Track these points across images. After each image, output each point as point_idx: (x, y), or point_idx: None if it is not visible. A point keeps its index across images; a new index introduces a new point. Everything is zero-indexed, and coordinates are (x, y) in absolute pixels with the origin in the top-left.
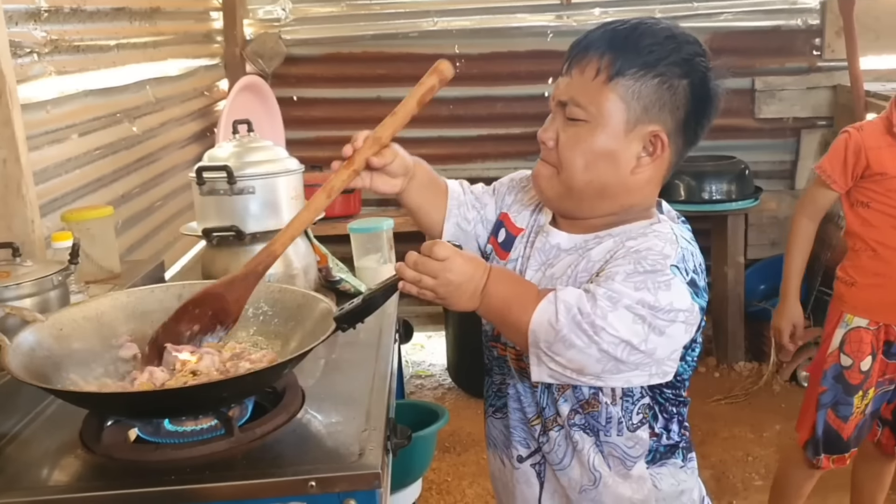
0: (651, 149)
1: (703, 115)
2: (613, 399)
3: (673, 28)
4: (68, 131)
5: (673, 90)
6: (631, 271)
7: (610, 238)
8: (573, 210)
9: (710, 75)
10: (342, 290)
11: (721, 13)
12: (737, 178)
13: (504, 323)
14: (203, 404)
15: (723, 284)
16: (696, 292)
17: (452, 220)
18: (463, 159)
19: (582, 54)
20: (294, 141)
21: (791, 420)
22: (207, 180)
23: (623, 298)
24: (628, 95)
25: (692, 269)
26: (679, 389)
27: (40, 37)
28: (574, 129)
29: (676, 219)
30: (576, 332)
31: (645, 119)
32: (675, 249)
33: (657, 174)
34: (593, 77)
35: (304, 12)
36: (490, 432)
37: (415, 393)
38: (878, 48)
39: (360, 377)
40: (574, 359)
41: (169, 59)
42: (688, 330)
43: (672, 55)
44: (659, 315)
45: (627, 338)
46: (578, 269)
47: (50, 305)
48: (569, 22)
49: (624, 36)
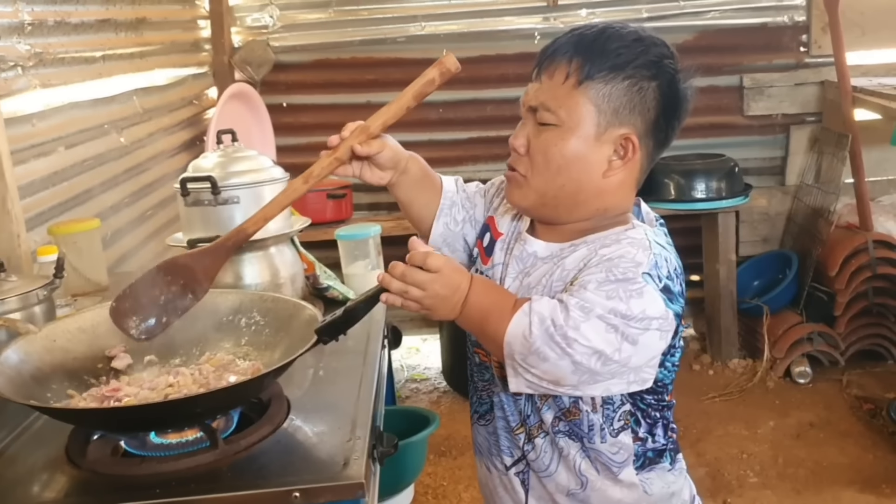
0: (622, 152)
1: (673, 117)
2: (594, 407)
3: (640, 31)
4: (55, 144)
5: (643, 92)
6: (603, 280)
7: (584, 245)
8: (549, 217)
9: (678, 77)
10: (330, 298)
11: (708, 11)
12: (726, 175)
13: (482, 333)
14: (186, 417)
15: (715, 282)
16: (669, 298)
17: (443, 219)
18: (454, 162)
19: (550, 59)
20: (284, 147)
21: (785, 417)
22: (192, 191)
23: (595, 308)
24: (598, 99)
25: (665, 276)
26: (661, 394)
27: (24, 50)
28: (545, 135)
29: (655, 221)
30: (549, 344)
31: (615, 122)
32: (648, 256)
33: (629, 177)
34: (563, 81)
35: (292, 19)
36: (476, 439)
37: (410, 397)
38: (863, 43)
39: (347, 385)
40: (549, 371)
41: (156, 68)
42: (663, 337)
43: (640, 57)
44: (632, 324)
45: (601, 348)
46: (553, 277)
47: (35, 320)
48: (556, 24)
49: (592, 39)
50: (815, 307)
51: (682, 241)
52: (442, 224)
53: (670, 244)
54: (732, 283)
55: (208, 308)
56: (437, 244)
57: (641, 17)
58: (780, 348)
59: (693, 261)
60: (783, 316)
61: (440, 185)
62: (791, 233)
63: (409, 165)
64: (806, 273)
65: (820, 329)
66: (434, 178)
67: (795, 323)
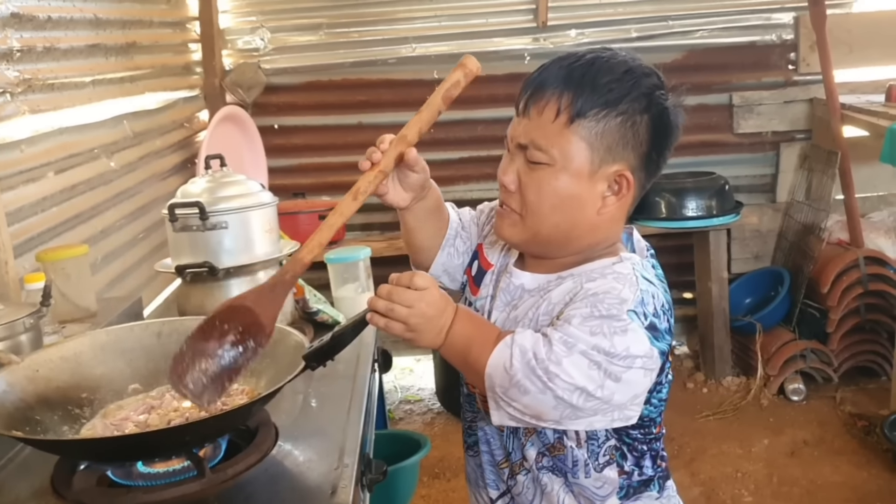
0: (616, 187)
1: (664, 147)
2: (578, 442)
3: (629, 60)
4: (44, 169)
5: (635, 127)
6: (587, 315)
7: (570, 279)
8: (540, 252)
9: (669, 106)
10: (320, 322)
11: (697, 30)
12: (717, 193)
13: (465, 364)
14: (174, 446)
15: (707, 300)
16: (655, 336)
17: (447, 249)
18: (445, 182)
19: (539, 94)
20: (276, 169)
21: (779, 435)
22: (180, 217)
23: (578, 343)
24: (591, 137)
25: (652, 313)
26: (648, 428)
27: (13, 76)
28: (537, 173)
29: (645, 251)
30: (530, 377)
31: (609, 159)
32: (634, 292)
33: (622, 210)
34: (553, 119)
35: (283, 42)
36: (466, 468)
37: (404, 418)
38: (851, 61)
39: (336, 411)
40: (530, 405)
41: (147, 92)
42: (647, 375)
43: (632, 91)
44: (614, 361)
45: (582, 384)
46: (539, 311)
47: (22, 348)
48: (545, 44)
49: (581, 74)
50: (807, 324)
51: (674, 259)
52: (445, 254)
53: (660, 277)
54: (725, 300)
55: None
56: (437, 274)
57: (630, 37)
58: (774, 365)
59: (685, 279)
60: (776, 333)
61: (447, 216)
62: (782, 250)
63: (429, 193)
64: (798, 290)
65: (813, 346)
66: (444, 210)
67: (788, 340)
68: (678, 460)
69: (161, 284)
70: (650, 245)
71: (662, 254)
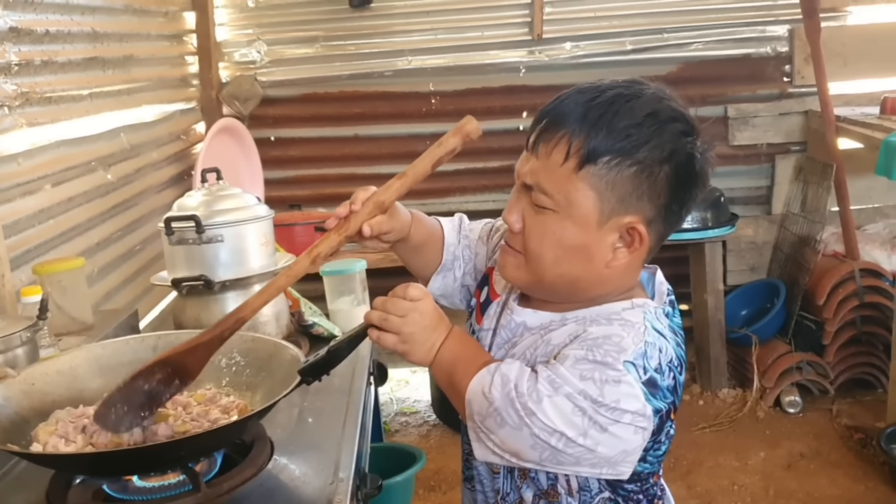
0: (628, 239)
1: (688, 198)
2: (570, 491)
3: (655, 102)
4: (41, 182)
5: (653, 178)
6: (581, 357)
7: (574, 322)
8: (545, 297)
9: (696, 155)
10: (315, 335)
11: (691, 43)
12: (713, 205)
13: (450, 385)
14: (169, 461)
15: (703, 311)
16: (653, 393)
17: (442, 274)
18: (441, 193)
19: (551, 131)
20: (273, 181)
21: (776, 447)
22: (176, 230)
23: (565, 385)
24: (601, 185)
25: (654, 368)
26: (644, 483)
27: (11, 90)
28: (541, 218)
29: (665, 295)
30: (507, 409)
31: (620, 209)
32: (637, 343)
33: (636, 262)
34: (561, 162)
35: (280, 54)
36: (462, 499)
37: (400, 430)
38: (845, 74)
39: (331, 425)
40: (507, 440)
41: (144, 105)
42: (639, 433)
43: (653, 139)
44: (601, 411)
45: (562, 429)
46: (538, 352)
47: (18, 362)
48: (541, 57)
49: (598, 115)
50: (803, 336)
51: (670, 271)
52: (440, 279)
53: (674, 329)
54: (721, 312)
55: None
56: (434, 296)
57: (625, 50)
58: (770, 378)
59: (681, 290)
60: (772, 345)
61: (442, 240)
62: (778, 261)
63: (412, 233)
64: (794, 302)
65: (809, 358)
66: (434, 235)
67: (784, 352)
68: (674, 472)
69: (157, 297)
70: (670, 288)
71: (658, 265)
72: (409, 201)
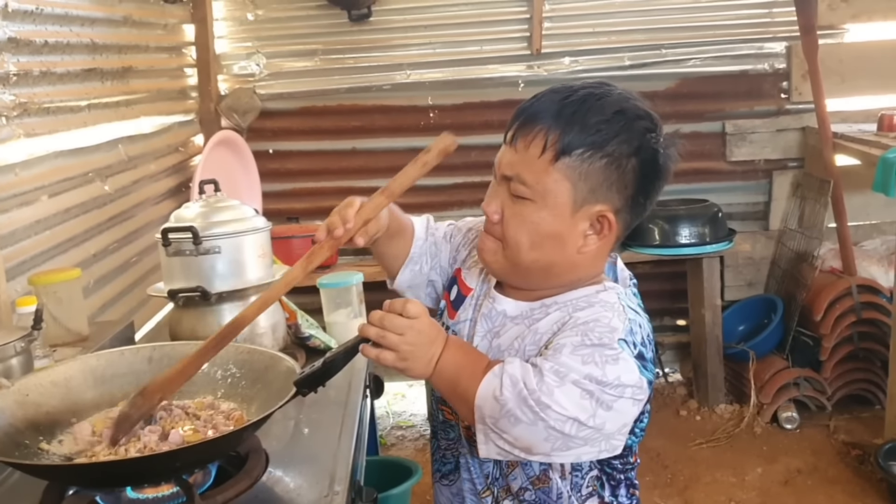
0: (598, 227)
1: (651, 191)
2: (563, 474)
3: (623, 101)
4: (38, 193)
5: (621, 170)
6: (578, 344)
7: (557, 308)
8: (520, 284)
9: (660, 151)
10: (312, 347)
11: (689, 59)
12: (710, 220)
13: (454, 394)
14: (164, 472)
15: (700, 327)
16: (644, 366)
17: (410, 267)
18: (439, 207)
19: (528, 127)
20: (271, 193)
21: (773, 463)
22: (173, 241)
23: (570, 373)
24: (574, 176)
25: (640, 342)
26: (627, 457)
27: (9, 100)
28: (519, 207)
29: (629, 280)
30: (521, 407)
31: (591, 199)
32: (623, 321)
33: (604, 249)
34: (539, 154)
35: (279, 67)
36: (438, 499)
37: (396, 444)
38: (843, 90)
39: (326, 438)
40: (521, 436)
41: (142, 116)
42: (636, 404)
43: (621, 134)
44: (606, 390)
45: (574, 414)
46: (526, 341)
47: (12, 372)
48: (539, 71)
49: (572, 112)
50: (800, 352)
51: (668, 287)
52: (409, 272)
53: (641, 307)
54: (718, 327)
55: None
56: (401, 289)
57: (624, 65)
58: (767, 393)
59: (678, 306)
60: (769, 361)
61: (412, 234)
62: (775, 277)
63: (389, 225)
64: (791, 317)
65: (806, 374)
66: (406, 228)
67: (782, 368)
68: (671, 488)
69: (153, 309)
70: (633, 275)
71: (655, 281)
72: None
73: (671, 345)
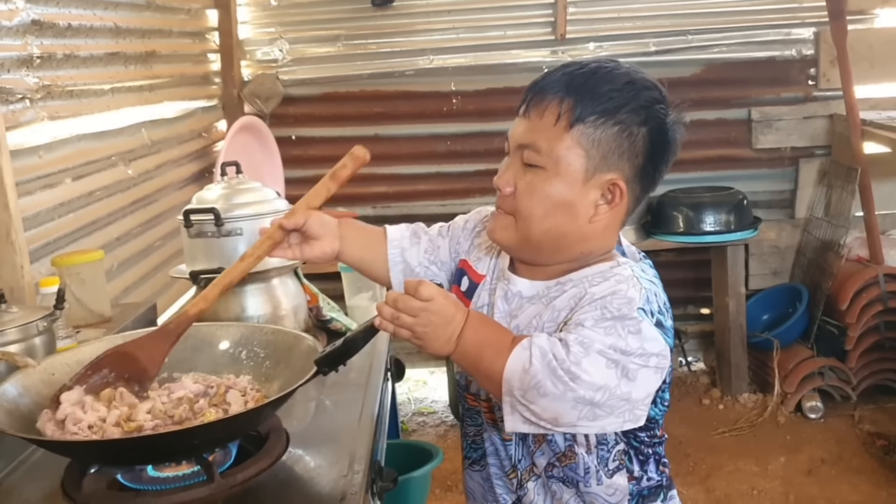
0: (609, 196)
1: (661, 162)
2: (588, 448)
3: (632, 73)
4: (61, 175)
5: (632, 138)
6: (599, 317)
7: (572, 285)
8: (530, 258)
9: (668, 122)
10: (333, 330)
11: (715, 45)
12: (735, 208)
13: (477, 370)
14: (182, 451)
15: (724, 315)
16: (664, 333)
17: (398, 267)
18: (461, 194)
19: (540, 97)
20: (293, 179)
21: (796, 452)
22: (195, 223)
23: (595, 343)
24: (588, 143)
25: (657, 311)
26: (654, 430)
27: (32, 83)
28: (531, 177)
29: (637, 255)
30: (551, 378)
31: (603, 167)
32: (639, 291)
33: (615, 220)
34: (553, 122)
35: (302, 53)
36: (468, 484)
37: (417, 430)
38: (872, 77)
39: (347, 418)
40: (548, 407)
41: (165, 101)
42: (658, 373)
43: (631, 102)
44: (632, 359)
45: (602, 383)
46: (544, 319)
47: (35, 351)
48: (563, 57)
49: (583, 81)
50: (825, 341)
51: (692, 274)
52: (398, 272)
53: (657, 277)
54: (742, 316)
55: (209, 341)
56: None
57: (649, 51)
58: (791, 383)
59: (702, 294)
60: (794, 350)
61: (384, 238)
62: (801, 266)
63: (344, 231)
64: (816, 307)
65: (831, 363)
66: (376, 233)
67: (806, 357)
68: (693, 476)
69: (176, 292)
70: (640, 250)
71: (679, 268)
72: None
73: (695, 333)
